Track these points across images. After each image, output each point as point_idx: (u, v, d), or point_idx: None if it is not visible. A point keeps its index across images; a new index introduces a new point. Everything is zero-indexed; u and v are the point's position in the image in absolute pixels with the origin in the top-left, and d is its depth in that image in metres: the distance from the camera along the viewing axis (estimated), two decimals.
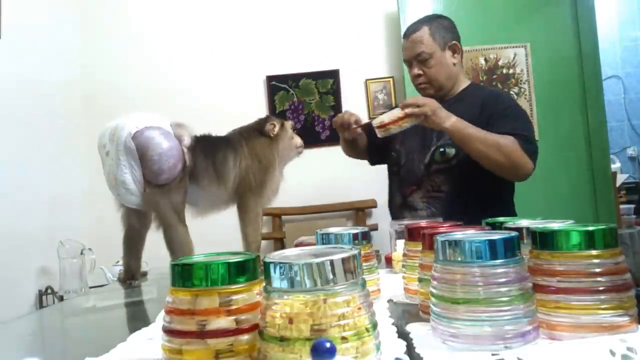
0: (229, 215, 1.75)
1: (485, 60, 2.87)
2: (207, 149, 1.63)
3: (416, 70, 1.81)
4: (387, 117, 1.62)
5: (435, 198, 1.77)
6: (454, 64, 1.82)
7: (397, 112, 1.60)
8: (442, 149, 1.76)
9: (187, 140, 1.54)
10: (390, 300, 0.90)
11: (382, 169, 2.03)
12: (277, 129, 1.74)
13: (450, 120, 1.58)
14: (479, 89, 1.92)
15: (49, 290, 2.42)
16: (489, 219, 0.98)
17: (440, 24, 1.82)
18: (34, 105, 2.54)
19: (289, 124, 1.82)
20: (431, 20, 1.84)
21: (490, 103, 1.74)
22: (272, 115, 1.84)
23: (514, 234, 0.59)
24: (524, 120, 1.73)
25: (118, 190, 1.46)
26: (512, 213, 1.76)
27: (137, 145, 1.43)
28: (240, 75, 3.08)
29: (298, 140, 1.82)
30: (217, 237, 1.83)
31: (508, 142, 1.59)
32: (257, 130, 1.76)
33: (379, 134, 1.64)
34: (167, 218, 1.51)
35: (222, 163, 1.65)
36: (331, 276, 0.49)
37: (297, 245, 1.05)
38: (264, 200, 1.73)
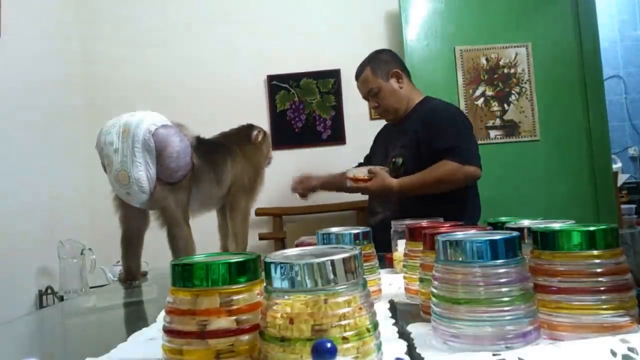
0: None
1: (487, 59, 2.87)
2: (206, 151, 1.65)
3: (373, 104, 2.15)
4: (352, 174, 1.96)
5: (388, 202, 2.02)
6: (401, 88, 2.09)
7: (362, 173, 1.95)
8: (394, 160, 2.03)
9: (192, 140, 1.56)
10: (391, 301, 0.90)
11: None
12: (260, 137, 1.89)
13: (394, 188, 1.88)
14: (424, 105, 2.10)
15: (49, 290, 2.42)
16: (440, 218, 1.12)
17: (380, 59, 2.14)
18: (34, 105, 2.54)
19: (268, 134, 1.99)
20: (371, 58, 2.15)
21: (427, 118, 1.99)
22: (254, 125, 1.97)
23: (515, 234, 0.59)
24: (459, 128, 1.95)
25: (129, 189, 1.46)
26: (466, 213, 1.92)
27: (156, 142, 1.44)
28: (241, 75, 3.08)
29: (271, 152, 2.00)
30: (211, 237, 1.85)
31: (445, 170, 1.85)
32: (244, 136, 1.88)
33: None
34: (173, 216, 1.51)
35: (221, 165, 1.69)
36: (332, 276, 0.49)
37: (297, 245, 1.05)
38: (254, 200, 1.85)
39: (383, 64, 2.11)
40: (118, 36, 3.11)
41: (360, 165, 2.25)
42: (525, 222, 0.84)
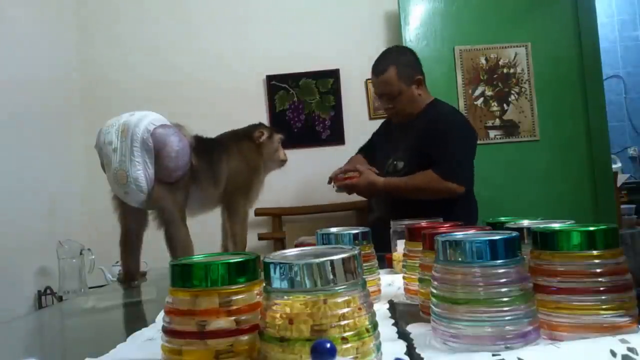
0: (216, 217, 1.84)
1: (486, 59, 2.87)
2: (204, 150, 1.65)
3: (386, 104, 2.08)
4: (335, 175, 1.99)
5: (385, 202, 2.03)
6: (419, 95, 2.04)
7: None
8: (395, 162, 2.03)
9: (191, 140, 1.56)
10: (390, 301, 0.90)
11: None
12: (264, 137, 1.85)
13: (379, 186, 1.93)
14: (431, 109, 2.07)
15: (48, 291, 2.42)
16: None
17: (406, 61, 2.05)
18: (32, 105, 2.54)
19: (277, 136, 1.93)
20: (397, 58, 2.05)
21: (431, 123, 1.98)
22: (265, 125, 1.95)
23: (514, 234, 0.59)
24: (454, 141, 1.94)
25: (127, 188, 1.45)
26: (461, 214, 1.87)
27: (154, 142, 1.44)
28: (240, 75, 3.08)
29: (282, 154, 1.94)
30: (211, 237, 1.85)
31: (425, 180, 1.89)
32: (246, 134, 1.86)
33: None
34: (171, 216, 1.51)
35: (217, 163, 1.68)
36: (331, 276, 0.49)
37: (297, 246, 1.05)
38: (251, 201, 1.83)
39: (408, 68, 2.03)
40: (116, 36, 3.11)
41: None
42: (525, 222, 0.84)
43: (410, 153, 1.99)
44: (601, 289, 0.58)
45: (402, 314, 0.81)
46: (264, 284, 0.52)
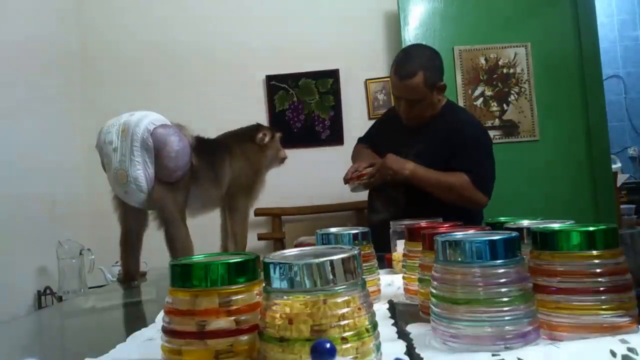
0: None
1: (486, 59, 2.87)
2: (205, 151, 1.65)
3: (404, 107, 1.92)
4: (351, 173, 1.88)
5: (391, 204, 1.95)
6: (438, 100, 1.94)
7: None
8: None
9: (191, 140, 1.56)
10: (390, 301, 0.90)
11: None
12: (267, 138, 1.84)
13: (408, 169, 1.80)
14: (447, 114, 1.97)
15: (48, 291, 2.42)
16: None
17: (434, 66, 1.90)
18: (33, 106, 2.53)
19: (278, 135, 1.92)
20: (426, 62, 1.88)
21: (452, 136, 1.87)
22: (264, 125, 1.92)
23: (514, 234, 0.59)
24: (481, 153, 1.88)
25: (127, 188, 1.45)
26: (469, 217, 1.81)
27: (154, 141, 1.44)
28: (240, 75, 3.08)
29: (283, 153, 1.93)
30: (211, 237, 1.85)
31: (460, 182, 1.79)
32: (248, 136, 1.84)
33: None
34: (171, 215, 1.51)
35: (219, 165, 1.68)
36: (331, 276, 0.49)
37: (297, 246, 1.05)
38: (253, 201, 1.82)
39: (436, 74, 1.90)
40: (115, 33, 3.11)
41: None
42: (525, 222, 0.84)
43: (424, 160, 1.88)
44: (601, 289, 0.58)
45: (401, 314, 0.81)
46: (264, 284, 0.52)
